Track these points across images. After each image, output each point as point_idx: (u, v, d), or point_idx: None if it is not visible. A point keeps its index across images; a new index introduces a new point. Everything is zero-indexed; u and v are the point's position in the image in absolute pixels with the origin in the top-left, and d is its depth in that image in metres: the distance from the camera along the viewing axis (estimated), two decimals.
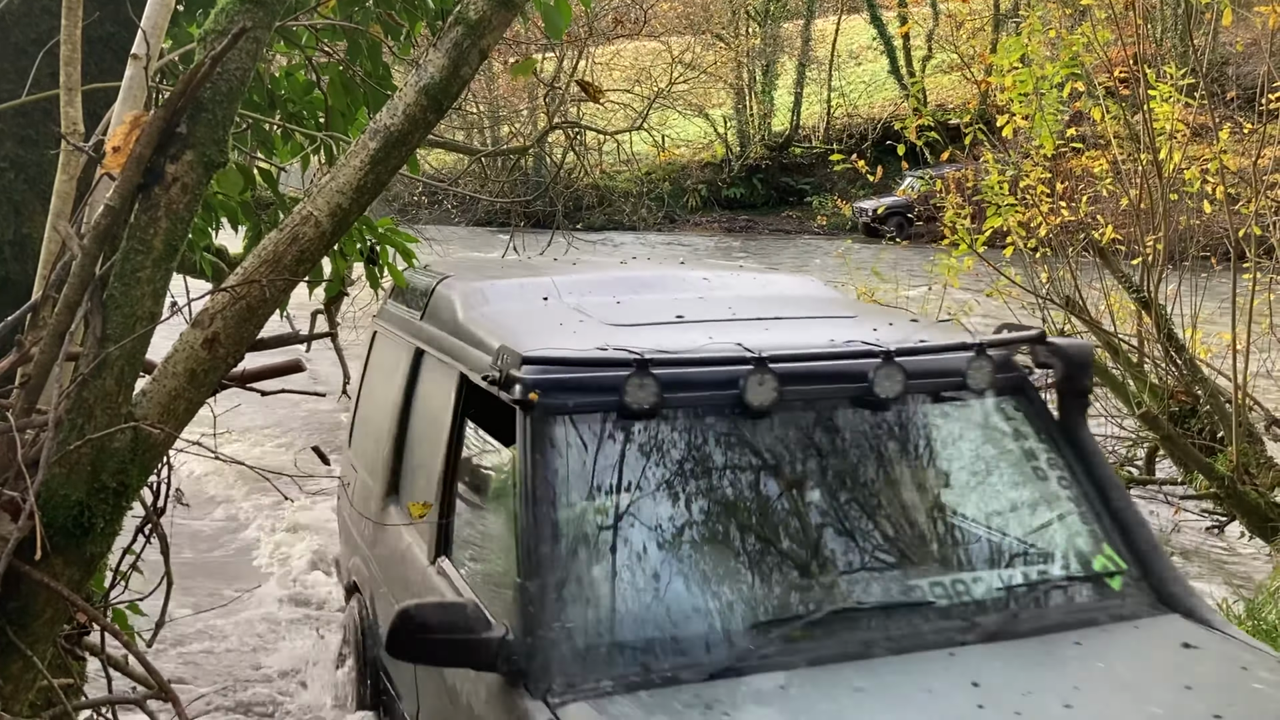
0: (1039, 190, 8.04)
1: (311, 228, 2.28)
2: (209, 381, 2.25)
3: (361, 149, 2.33)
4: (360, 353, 6.59)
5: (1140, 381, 7.20)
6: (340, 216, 2.31)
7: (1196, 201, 7.81)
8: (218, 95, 2.24)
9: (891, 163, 18.03)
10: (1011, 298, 8.39)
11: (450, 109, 2.57)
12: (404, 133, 2.34)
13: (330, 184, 2.31)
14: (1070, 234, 7.90)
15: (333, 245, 2.44)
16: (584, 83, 2.99)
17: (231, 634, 6.72)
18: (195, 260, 4.37)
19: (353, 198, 2.31)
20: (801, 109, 39.89)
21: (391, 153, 2.33)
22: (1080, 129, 9.01)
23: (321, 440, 11.26)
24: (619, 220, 35.64)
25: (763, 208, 39.31)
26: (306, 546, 8.20)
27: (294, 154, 4.34)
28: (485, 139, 33.24)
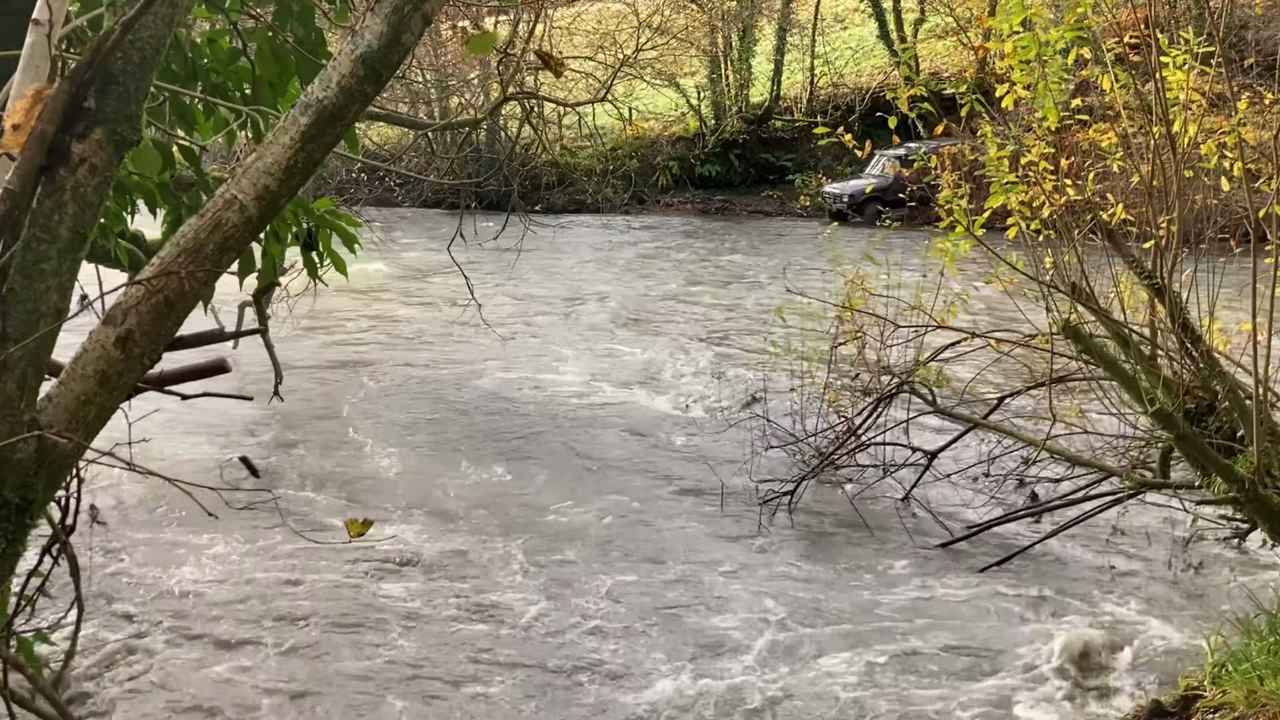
0: (1042, 167, 8.09)
1: (236, 212, 2.27)
2: (123, 384, 2.24)
3: (292, 125, 2.31)
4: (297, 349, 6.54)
5: (1153, 376, 7.27)
6: (268, 200, 2.30)
7: (1213, 178, 7.88)
8: (130, 65, 2.22)
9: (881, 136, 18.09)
10: (1012, 285, 8.45)
11: (391, 79, 2.56)
12: (339, 106, 2.33)
13: (257, 164, 2.30)
14: (1076, 215, 7.95)
15: (260, 231, 2.42)
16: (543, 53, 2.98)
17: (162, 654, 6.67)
18: (108, 249, 4.33)
19: (282, 179, 2.30)
20: (782, 78, 39.93)
21: (325, 129, 2.32)
22: (1087, 99, 9.08)
23: (251, 449, 11.22)
24: (581, 201, 35.61)
25: (740, 187, 39.35)
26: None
27: (217, 130, 4.31)
28: (432, 112, 33.09)
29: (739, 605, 7.96)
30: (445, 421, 12.70)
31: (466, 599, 7.98)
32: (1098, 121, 8.97)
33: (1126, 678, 7.02)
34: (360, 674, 7.00)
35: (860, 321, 10.14)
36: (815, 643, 7.45)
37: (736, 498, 9.99)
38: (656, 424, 12.62)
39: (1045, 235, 8.05)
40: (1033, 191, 8.14)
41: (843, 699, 6.81)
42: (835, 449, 10.10)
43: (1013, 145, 8.22)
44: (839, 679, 7.03)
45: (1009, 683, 6.98)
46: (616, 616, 7.77)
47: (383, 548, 8.70)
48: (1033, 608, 7.83)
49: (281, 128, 2.33)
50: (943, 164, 8.81)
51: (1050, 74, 7.77)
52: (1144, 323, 7.76)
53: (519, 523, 9.47)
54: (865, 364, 10.27)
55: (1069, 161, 8.28)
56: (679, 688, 6.90)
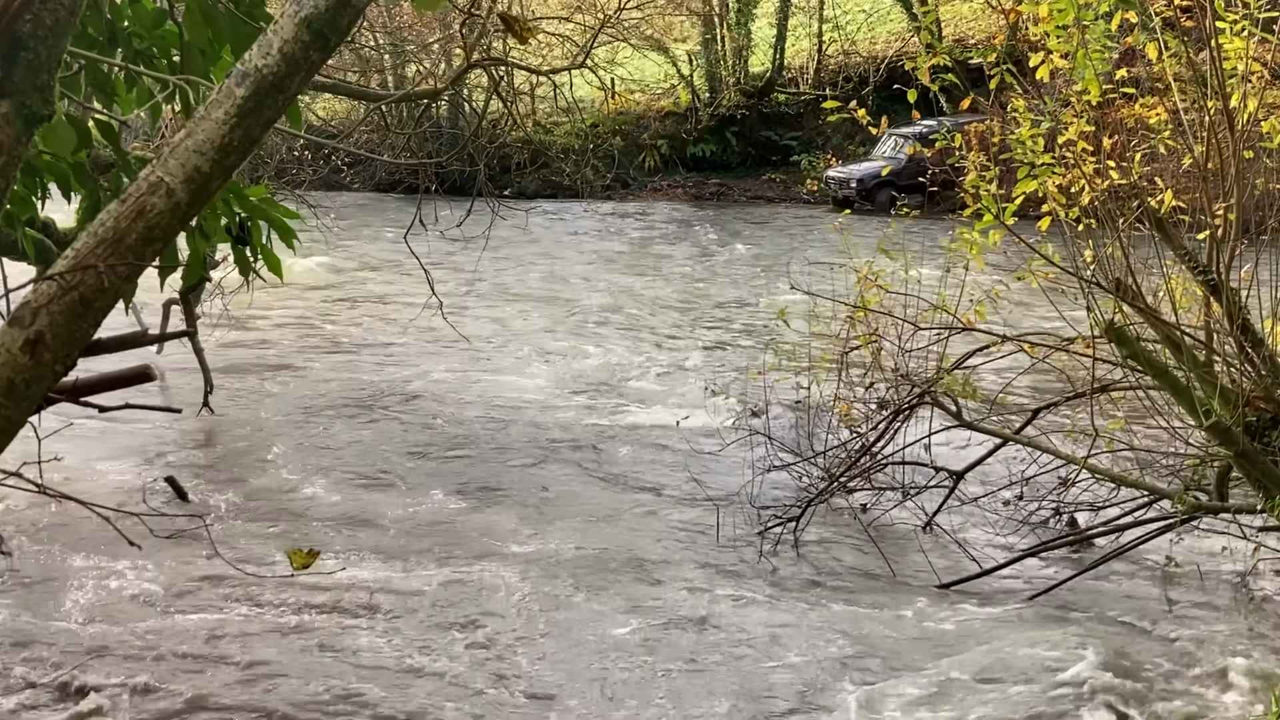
0: (1081, 147, 8.12)
1: (163, 198, 2.26)
2: (32, 394, 2.23)
3: (226, 97, 2.31)
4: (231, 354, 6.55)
5: (1209, 385, 7.30)
6: (199, 183, 2.29)
7: (1276, 160, 7.93)
8: (41, 30, 2.22)
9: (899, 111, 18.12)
10: (1048, 281, 8.48)
11: (340, 45, 2.56)
12: (281, 76, 2.32)
13: (186, 142, 2.29)
14: (1120, 201, 7.99)
15: (190, 218, 2.42)
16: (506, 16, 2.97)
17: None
18: (14, 239, 4.32)
19: (215, 159, 2.30)
20: (786, 45, 40.03)
21: (265, 102, 2.32)
22: (1132, 70, 9.12)
23: (179, 469, 11.19)
24: (557, 184, 35.64)
25: (738, 169, 39.44)
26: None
27: (141, 103, 4.30)
28: (386, 82, 33.07)
29: (734, 650, 7.96)
30: (402, 437, 12.68)
31: (428, 643, 7.96)
32: (1145, 95, 9.02)
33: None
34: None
35: (875, 323, 10.15)
36: (826, 692, 7.45)
37: (734, 525, 9.98)
38: (641, 441, 12.62)
39: (1085, 225, 8.08)
40: (1071, 175, 8.18)
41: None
42: (847, 469, 10.11)
43: (1048, 122, 8.26)
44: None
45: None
46: (593, 665, 7.75)
47: (332, 583, 8.67)
48: (1074, 650, 7.84)
49: (214, 101, 2.33)
50: (968, 143, 8.84)
51: (1091, 41, 7.80)
52: (1198, 324, 7.80)
53: (483, 555, 9.45)
54: (881, 372, 10.29)
55: (1112, 141, 8.31)
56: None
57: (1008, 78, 8.42)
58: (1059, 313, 8.49)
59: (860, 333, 10.22)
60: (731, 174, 39.24)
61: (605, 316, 19.74)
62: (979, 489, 10.19)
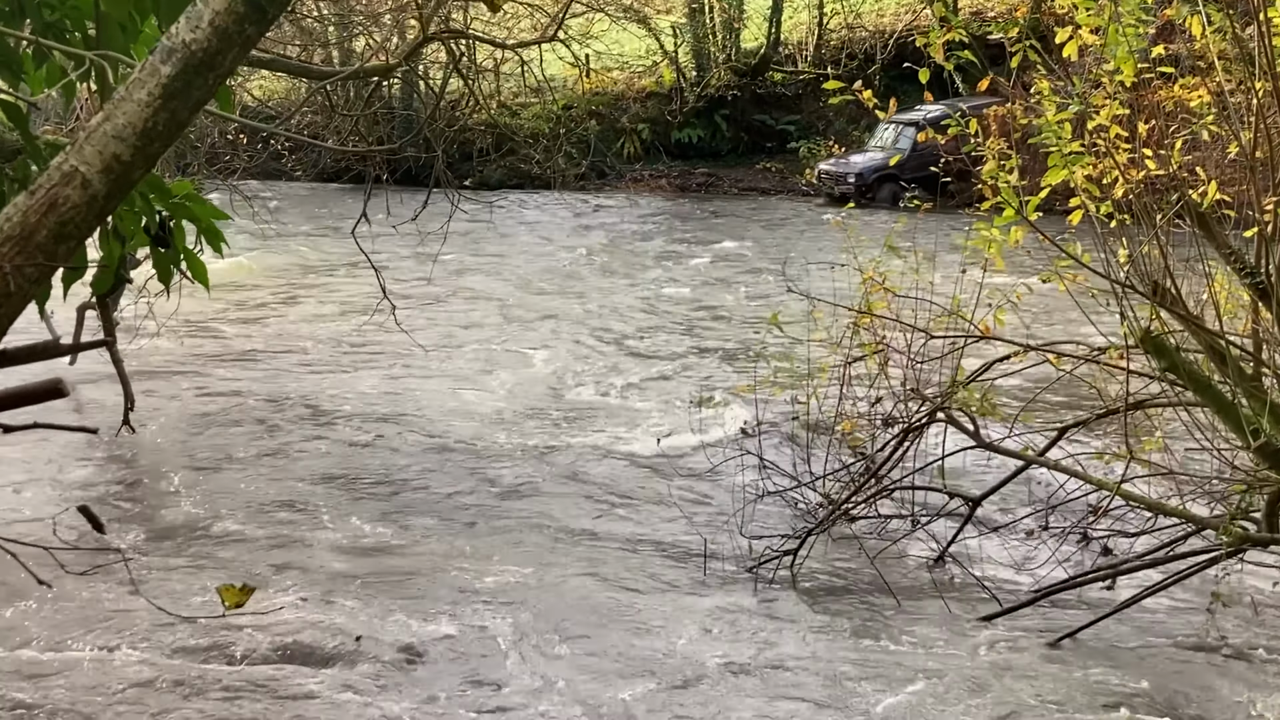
0: (1114, 133, 8.16)
1: (77, 189, 2.25)
2: None
3: (150, 76, 2.30)
4: (155, 365, 6.53)
5: (1258, 401, 7.33)
6: (119, 173, 2.28)
7: None
8: None
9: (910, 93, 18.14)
10: (1076, 284, 8.50)
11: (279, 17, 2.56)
12: (212, 53, 2.31)
13: (105, 126, 2.28)
14: (1158, 195, 8.02)
15: (109, 212, 2.41)
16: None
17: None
18: None
19: (137, 146, 2.29)
20: (783, 17, 40.16)
21: (193, 81, 2.31)
22: (1171, 47, 9.16)
23: (94, 497, 11.13)
24: (525, 173, 35.67)
25: (728, 157, 39.54)
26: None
27: (51, 82, 4.28)
28: (331, 57, 33.05)
29: (722, 702, 7.95)
30: (346, 458, 12.65)
31: (378, 693, 7.94)
32: (1185, 75, 9.07)
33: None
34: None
35: (882, 330, 10.18)
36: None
37: (723, 559, 9.98)
38: (617, 464, 12.61)
39: (1118, 221, 8.11)
40: (1102, 165, 8.21)
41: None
42: (850, 495, 10.12)
43: (1077, 106, 8.29)
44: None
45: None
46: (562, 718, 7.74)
47: (268, 623, 8.64)
48: (1109, 699, 7.86)
49: (137, 80, 2.31)
50: (985, 129, 8.87)
51: (1124, 15, 7.84)
52: (1245, 332, 7.83)
53: (440, 591, 9.42)
54: (888, 385, 10.31)
55: (1148, 127, 8.35)
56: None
57: (1031, 55, 8.45)
58: (1089, 319, 8.52)
59: (865, 341, 10.24)
60: (721, 162, 39.31)
61: (577, 323, 19.74)
62: (999, 516, 10.21)
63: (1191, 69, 8.93)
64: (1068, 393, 11.56)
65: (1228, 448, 8.12)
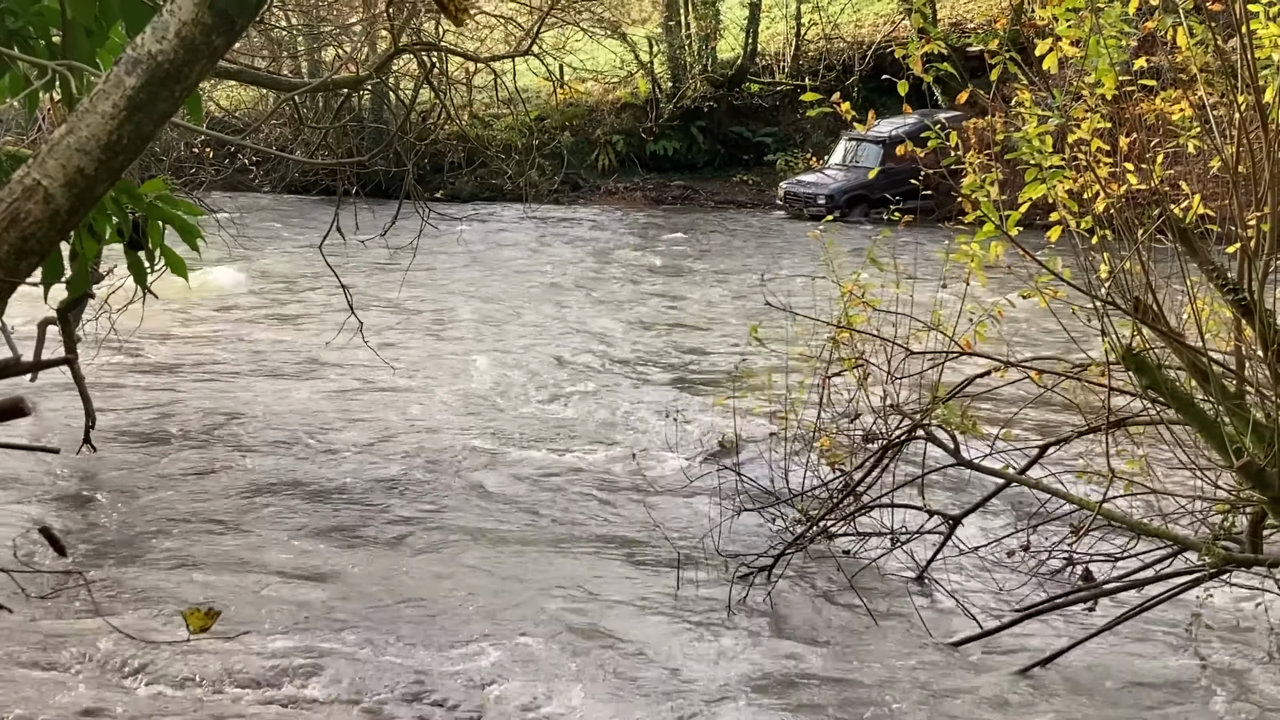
0: (1095, 147, 8.19)
1: (39, 204, 2.24)
2: None
3: (115, 88, 2.29)
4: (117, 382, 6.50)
5: (1240, 420, 7.35)
6: (82, 187, 2.27)
7: None
8: None
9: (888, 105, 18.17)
10: (1057, 300, 8.52)
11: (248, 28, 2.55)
12: (179, 64, 2.30)
13: (68, 139, 2.27)
14: (1139, 209, 8.05)
15: (72, 227, 2.40)
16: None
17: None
18: None
19: (100, 159, 2.28)
20: (760, 28, 40.26)
21: (160, 93, 2.30)
22: (1153, 59, 9.21)
23: (55, 518, 11.06)
24: (497, 187, 35.60)
25: (705, 169, 39.57)
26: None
27: (14, 91, 4.26)
28: (300, 68, 33.00)
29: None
30: (315, 478, 12.60)
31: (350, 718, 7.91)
32: (1167, 88, 9.11)
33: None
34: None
35: (861, 346, 10.19)
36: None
37: (699, 575, 9.97)
38: (592, 481, 12.60)
39: (1099, 236, 8.14)
40: (1083, 179, 8.24)
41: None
42: (828, 511, 10.12)
43: (1057, 119, 8.32)
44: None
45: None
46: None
47: (234, 647, 8.59)
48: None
49: (101, 92, 2.30)
50: (966, 142, 8.89)
51: (1106, 26, 7.87)
52: (1228, 350, 7.86)
53: (410, 614, 9.39)
54: (867, 401, 10.31)
55: (1130, 140, 8.39)
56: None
57: (1011, 68, 8.48)
58: (1069, 335, 8.54)
59: (844, 356, 10.25)
60: (697, 175, 39.34)
61: (552, 338, 19.73)
62: (979, 535, 10.22)
63: (1173, 82, 8.97)
64: (1050, 410, 11.58)
65: (1210, 467, 8.15)
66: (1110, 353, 7.68)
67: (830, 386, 10.48)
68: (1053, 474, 9.73)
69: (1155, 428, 8.55)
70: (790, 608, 9.58)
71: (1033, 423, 12.04)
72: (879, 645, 8.95)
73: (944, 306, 9.79)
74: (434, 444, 13.77)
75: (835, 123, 29.40)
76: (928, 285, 10.72)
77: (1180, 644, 8.86)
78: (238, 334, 19.64)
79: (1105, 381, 8.38)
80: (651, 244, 30.76)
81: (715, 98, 39.27)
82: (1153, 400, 8.01)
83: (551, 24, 28.87)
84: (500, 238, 31.23)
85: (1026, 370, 9.36)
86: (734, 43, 40.59)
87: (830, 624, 9.33)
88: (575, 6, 31.61)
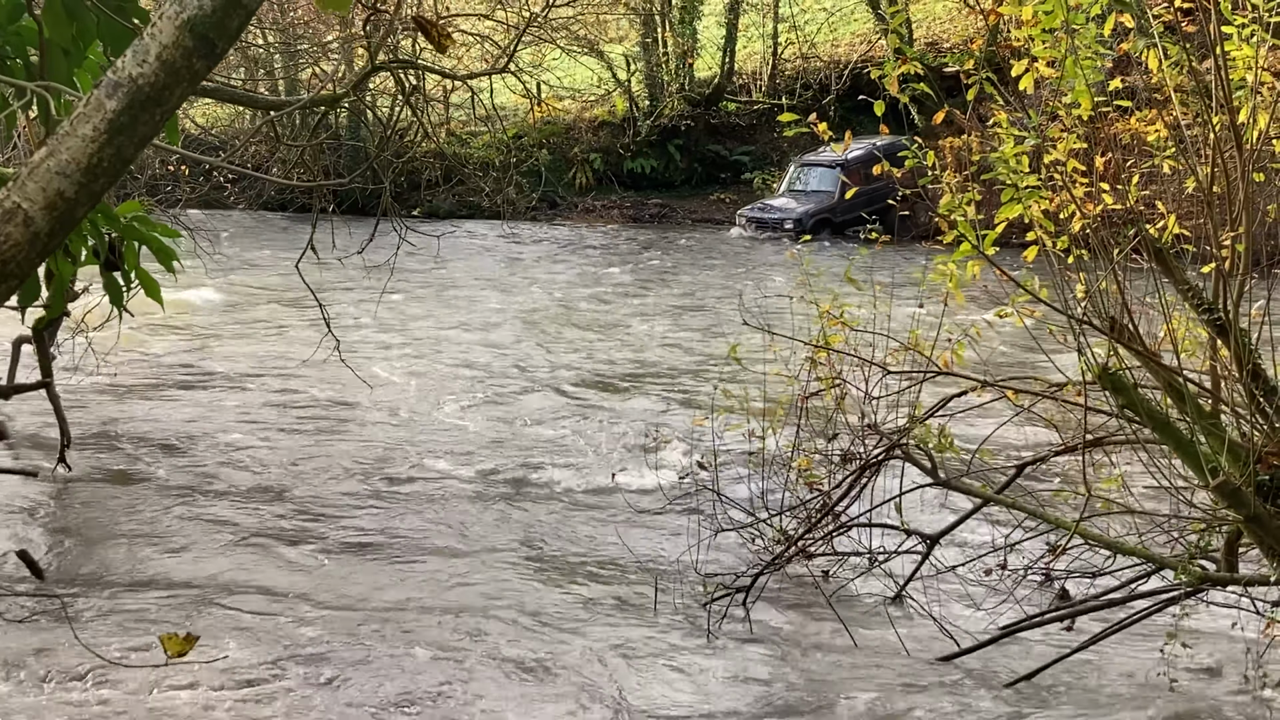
0: (1071, 167, 8.22)
1: (19, 227, 2.24)
2: None
3: (95, 111, 2.29)
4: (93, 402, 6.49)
5: (1216, 439, 7.38)
6: (62, 210, 2.27)
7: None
8: None
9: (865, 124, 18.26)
10: (1034, 319, 8.55)
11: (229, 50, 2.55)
12: (160, 87, 2.30)
13: (48, 162, 2.27)
14: (1115, 229, 8.09)
15: (52, 250, 2.39)
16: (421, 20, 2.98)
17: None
18: None
19: (80, 182, 2.27)
20: (736, 47, 40.37)
21: (140, 116, 2.30)
22: (1128, 80, 9.25)
23: (32, 541, 11.00)
24: (475, 204, 35.66)
25: (682, 187, 39.65)
26: None
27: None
28: (277, 86, 32.97)
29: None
30: (290, 501, 12.56)
31: None
32: (1142, 109, 9.16)
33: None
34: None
35: (838, 366, 10.20)
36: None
37: (675, 596, 9.96)
38: (567, 502, 12.59)
39: (1076, 256, 8.17)
40: (1059, 199, 8.27)
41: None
42: (806, 531, 10.12)
43: (1033, 139, 8.36)
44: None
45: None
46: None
47: (212, 673, 8.55)
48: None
49: (81, 115, 2.30)
50: (943, 162, 8.92)
51: (1081, 47, 7.91)
52: (1203, 369, 7.89)
53: (386, 637, 9.36)
54: (845, 421, 10.32)
55: (1105, 160, 8.42)
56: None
57: (987, 87, 8.51)
58: (1045, 355, 8.57)
59: (822, 375, 10.26)
60: (674, 193, 39.42)
61: (527, 356, 19.72)
62: (958, 554, 10.23)
63: (1148, 102, 9.02)
64: (1026, 430, 11.61)
65: (1186, 486, 8.17)
66: (1086, 372, 7.70)
67: (808, 407, 10.49)
68: (1030, 494, 9.75)
69: (1132, 447, 8.57)
70: (768, 628, 9.57)
71: (1011, 442, 12.06)
72: (857, 665, 8.95)
73: (921, 326, 9.81)
74: (412, 467, 13.75)
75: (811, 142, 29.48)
76: (904, 304, 10.73)
77: (1156, 662, 8.87)
78: (213, 352, 19.59)
79: (1081, 401, 8.39)
80: (628, 261, 30.77)
81: (692, 116, 39.38)
82: (1129, 419, 8.03)
83: (529, 42, 28.94)
84: (477, 255, 31.21)
85: (1003, 389, 9.38)
86: (711, 62, 40.71)
87: (808, 644, 9.33)
88: (552, 25, 31.65)
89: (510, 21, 26.95)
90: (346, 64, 26.98)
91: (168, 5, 2.38)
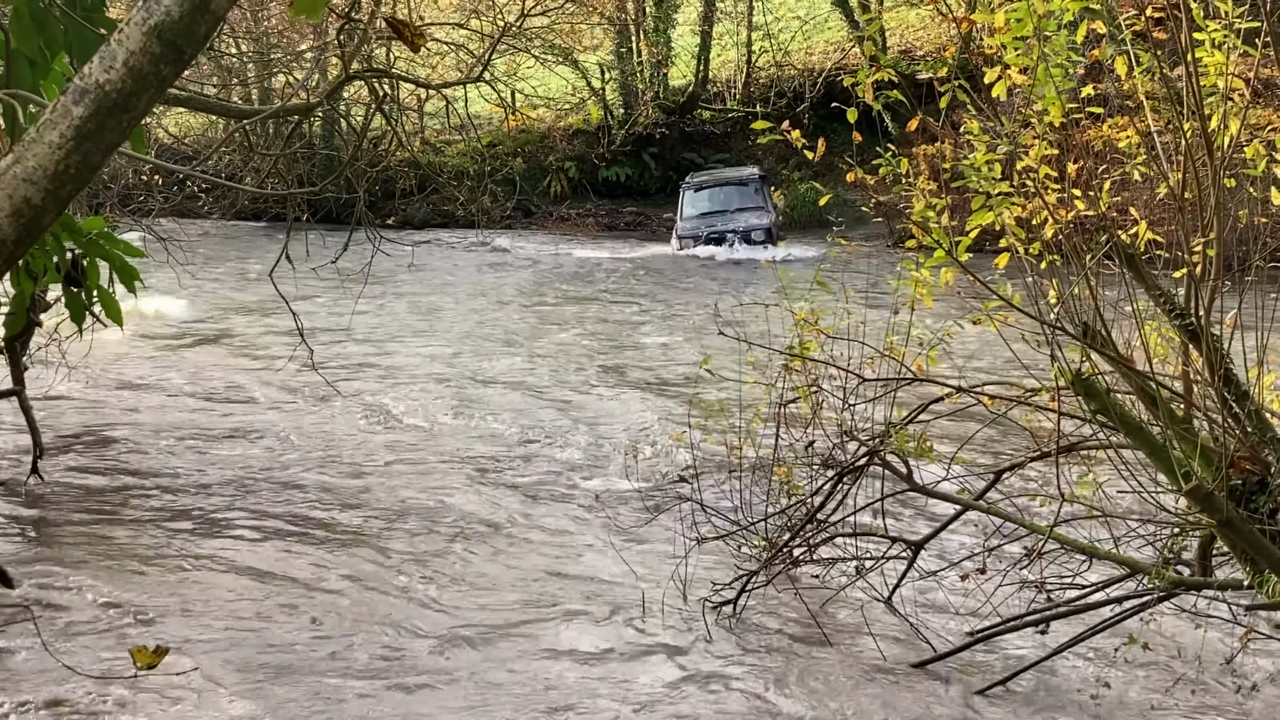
0: (1043, 173, 8.25)
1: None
2: None
3: (61, 118, 2.28)
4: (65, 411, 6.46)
5: (1188, 444, 7.41)
6: (29, 218, 2.26)
7: (1262, 190, 8.10)
8: None
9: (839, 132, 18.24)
10: (1007, 325, 8.58)
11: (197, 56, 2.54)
12: (126, 94, 2.30)
13: (14, 169, 2.26)
14: (1087, 235, 8.12)
15: (18, 258, 2.38)
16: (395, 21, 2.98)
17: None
18: None
19: (48, 189, 2.26)
20: (711, 55, 40.44)
21: (107, 123, 2.29)
22: (1099, 87, 9.30)
23: (2, 549, 10.94)
24: (449, 213, 35.63)
25: (657, 195, 39.70)
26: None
27: None
28: (250, 95, 32.89)
29: None
30: (263, 511, 12.52)
31: None
32: (1113, 115, 9.20)
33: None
34: None
35: (815, 373, 10.21)
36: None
37: (661, 608, 9.94)
38: (546, 516, 12.56)
39: (1048, 262, 8.20)
40: (1031, 205, 8.30)
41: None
42: (789, 540, 10.11)
43: (1005, 146, 8.39)
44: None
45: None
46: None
47: (181, 684, 8.52)
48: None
49: (48, 122, 2.29)
50: (916, 169, 8.95)
51: (1053, 55, 7.95)
52: (1176, 375, 7.93)
53: (361, 652, 9.34)
54: (822, 428, 10.33)
55: (1077, 167, 8.46)
56: None
57: (960, 95, 8.54)
58: (1019, 360, 8.59)
59: (798, 383, 10.26)
60: (650, 201, 39.47)
61: (504, 366, 19.71)
62: (937, 560, 10.25)
63: (1120, 109, 9.06)
64: (1006, 434, 11.65)
65: (1159, 490, 8.21)
66: (1059, 378, 7.72)
67: (785, 415, 10.49)
68: (1008, 498, 9.77)
69: (1105, 452, 8.61)
70: (752, 638, 9.57)
71: (989, 446, 12.10)
72: (839, 672, 8.96)
73: (896, 332, 9.83)
74: (385, 478, 13.72)
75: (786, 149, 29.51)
76: (879, 310, 10.75)
77: (1129, 666, 8.91)
78: (188, 362, 19.53)
79: (1055, 407, 8.42)
80: (601, 268, 30.77)
81: (667, 124, 39.45)
82: (1102, 425, 8.06)
83: (503, 50, 28.93)
84: (452, 264, 31.17)
85: (978, 395, 9.40)
86: (685, 70, 40.79)
87: (792, 653, 9.33)
88: (527, 34, 31.66)
89: (485, 30, 26.98)
90: (320, 73, 26.97)
91: (135, 11, 2.38)
